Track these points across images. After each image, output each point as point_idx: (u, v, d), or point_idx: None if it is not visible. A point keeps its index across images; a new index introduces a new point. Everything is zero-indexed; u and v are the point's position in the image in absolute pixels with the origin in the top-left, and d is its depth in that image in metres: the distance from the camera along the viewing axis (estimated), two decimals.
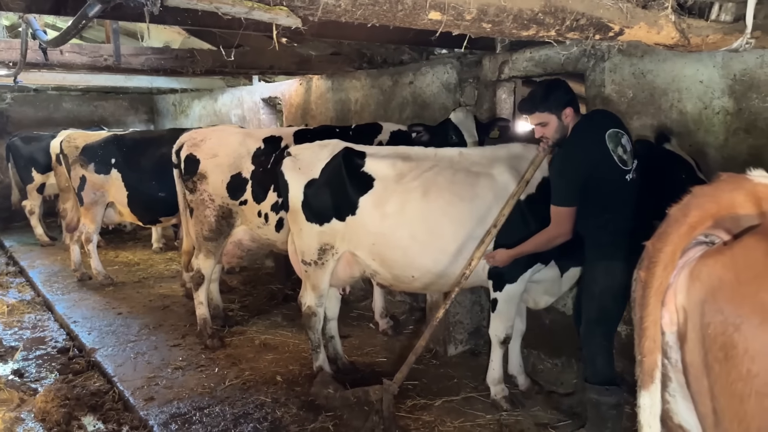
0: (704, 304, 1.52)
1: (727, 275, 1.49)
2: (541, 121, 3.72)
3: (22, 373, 5.45)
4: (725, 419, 1.49)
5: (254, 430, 4.18)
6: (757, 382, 1.41)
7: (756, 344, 1.41)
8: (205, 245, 5.64)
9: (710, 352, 1.50)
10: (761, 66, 4.13)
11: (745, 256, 1.48)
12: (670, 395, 1.72)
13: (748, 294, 1.44)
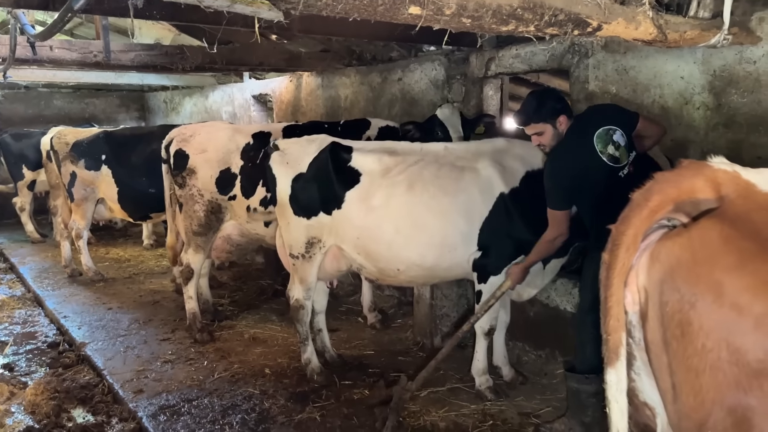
0: (663, 283, 1.59)
1: (684, 255, 1.56)
2: (537, 131, 3.82)
3: (12, 367, 5.48)
4: (682, 393, 1.56)
5: (242, 421, 4.23)
6: (711, 356, 1.48)
7: (710, 321, 1.48)
8: (194, 240, 5.68)
9: (668, 329, 1.57)
10: (740, 62, 4.21)
11: (701, 237, 1.56)
12: (635, 373, 1.79)
13: (702, 273, 1.51)
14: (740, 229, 1.53)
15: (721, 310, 1.47)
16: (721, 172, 1.67)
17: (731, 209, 1.59)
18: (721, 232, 1.53)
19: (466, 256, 4.21)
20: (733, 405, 1.46)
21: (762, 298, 1.44)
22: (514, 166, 4.29)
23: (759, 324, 1.43)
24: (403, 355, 5.26)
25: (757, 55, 4.12)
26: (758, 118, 4.17)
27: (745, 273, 1.46)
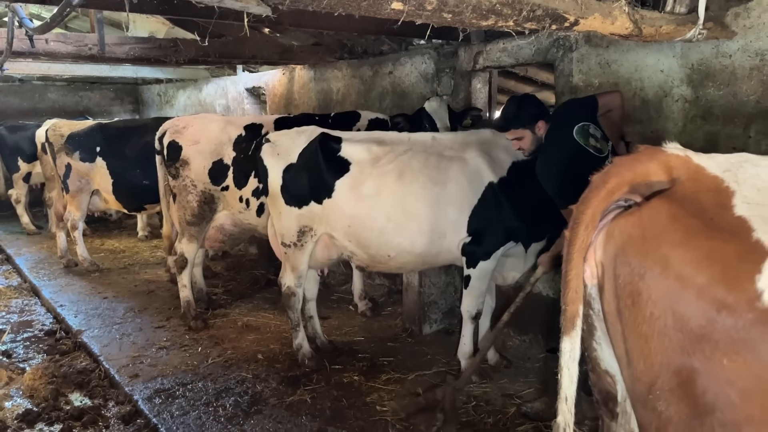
0: (616, 258, 1.74)
1: (635, 232, 1.71)
2: (517, 136, 3.99)
3: (9, 354, 5.60)
4: (634, 358, 1.71)
5: (235, 403, 4.37)
6: (658, 323, 1.63)
7: (657, 291, 1.63)
8: (188, 230, 5.80)
9: (621, 299, 1.72)
10: (716, 56, 4.35)
11: (650, 215, 1.70)
12: (596, 343, 1.94)
13: (651, 248, 1.66)
14: (687, 208, 1.67)
15: (667, 281, 1.62)
16: (673, 157, 1.82)
17: (681, 190, 1.73)
18: (668, 211, 1.67)
19: (455, 243, 4.36)
20: (679, 367, 1.61)
21: (704, 271, 1.58)
22: (501, 157, 4.44)
23: (701, 294, 1.57)
24: (393, 341, 5.41)
25: (732, 50, 4.26)
26: (733, 110, 4.31)
27: (689, 248, 1.61)
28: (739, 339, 1.54)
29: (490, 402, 4.24)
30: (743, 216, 1.60)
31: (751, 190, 1.70)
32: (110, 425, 4.29)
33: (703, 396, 1.58)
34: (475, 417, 4.06)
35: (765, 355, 1.52)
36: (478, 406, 4.19)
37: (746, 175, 1.75)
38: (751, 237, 1.56)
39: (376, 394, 4.42)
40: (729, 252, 1.57)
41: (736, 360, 1.54)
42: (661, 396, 1.65)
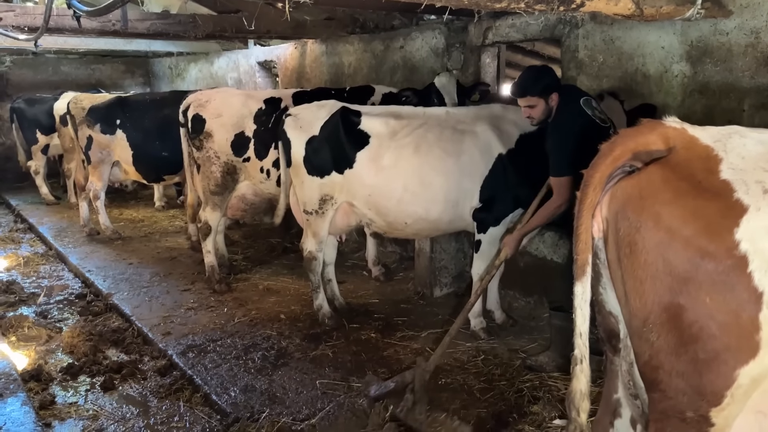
0: (618, 214, 2.06)
1: (634, 192, 2.03)
2: (530, 104, 4.14)
3: (45, 315, 5.97)
4: (631, 298, 2.04)
5: (263, 357, 4.74)
6: (651, 268, 1.95)
7: (650, 242, 1.95)
8: (211, 199, 6.13)
9: (621, 249, 2.05)
10: (714, 33, 4.61)
11: (647, 178, 2.02)
12: (602, 288, 2.28)
13: (646, 205, 1.98)
14: (678, 172, 1.98)
15: (659, 233, 1.94)
16: (671, 129, 2.11)
17: (675, 157, 2.03)
18: (662, 175, 1.99)
19: (467, 211, 4.68)
20: (668, 304, 1.94)
21: (689, 225, 1.90)
22: (509, 130, 4.73)
23: (687, 244, 1.89)
24: (405, 303, 5.76)
25: (729, 27, 4.52)
26: (729, 85, 4.59)
27: (678, 206, 1.93)
28: (719, 281, 1.87)
29: (497, 356, 4.60)
30: (727, 179, 1.91)
31: (737, 158, 1.99)
32: (147, 377, 4.67)
33: (688, 328, 1.91)
34: (484, 368, 4.42)
35: (740, 293, 1.85)
36: (486, 359, 4.55)
37: (733, 144, 2.05)
38: (732, 197, 1.88)
39: (392, 349, 4.78)
40: (712, 209, 1.89)
41: (716, 298, 1.87)
42: (654, 329, 1.99)
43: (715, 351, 1.88)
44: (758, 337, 1.84)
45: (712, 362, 1.88)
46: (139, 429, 3.97)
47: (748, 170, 1.95)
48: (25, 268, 7.47)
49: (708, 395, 1.91)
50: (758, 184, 1.89)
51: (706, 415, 1.93)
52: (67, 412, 4.19)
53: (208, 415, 4.09)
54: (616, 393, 2.41)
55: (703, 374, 1.90)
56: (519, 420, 3.71)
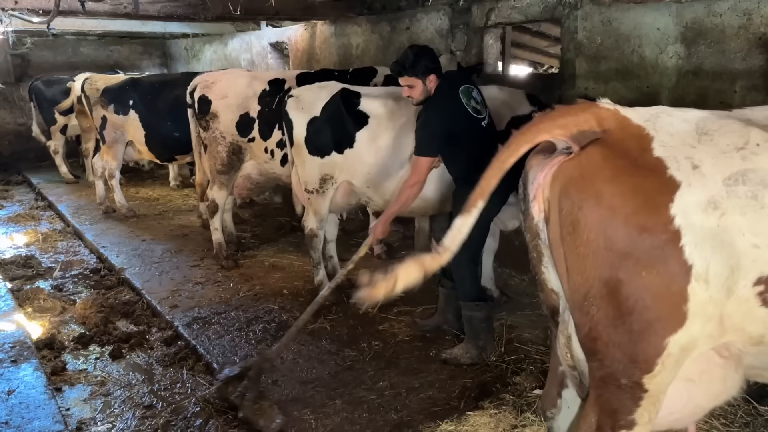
0: (560, 194, 2.16)
1: (575, 173, 2.13)
2: (409, 84, 4.17)
3: (61, 288, 6.24)
4: (573, 273, 2.16)
5: (264, 329, 4.95)
6: (593, 245, 2.07)
7: (591, 219, 2.07)
8: (218, 178, 6.32)
9: (563, 227, 2.16)
10: (708, 15, 4.65)
11: (587, 158, 2.12)
12: (544, 267, 2.39)
13: (587, 185, 2.09)
14: (616, 152, 2.09)
15: (600, 210, 2.05)
16: (604, 110, 2.20)
17: (610, 137, 2.14)
18: (601, 154, 2.09)
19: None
20: (607, 278, 2.06)
21: (629, 201, 2.01)
22: (502, 112, 4.82)
23: (627, 220, 2.01)
24: None
25: (723, 9, 4.55)
26: (722, 66, 4.63)
27: (617, 183, 2.04)
28: (654, 255, 1.99)
29: None
30: (660, 156, 2.02)
31: (666, 136, 2.10)
32: (154, 347, 4.90)
33: (626, 301, 2.04)
34: None
35: (673, 267, 1.97)
36: None
37: (662, 123, 2.15)
38: (666, 173, 1.99)
39: (388, 323, 4.96)
40: (649, 186, 2.00)
41: (651, 271, 1.99)
42: (594, 302, 2.11)
43: (648, 321, 2.01)
44: (686, 307, 1.96)
45: (645, 332, 2.01)
46: (144, 394, 4.20)
47: (677, 147, 2.06)
48: (43, 244, 7.76)
49: (641, 363, 2.04)
50: (688, 160, 2.01)
51: (640, 381, 2.06)
52: (77, 378, 4.44)
53: (209, 382, 4.30)
54: (563, 365, 2.54)
55: (637, 343, 2.03)
56: (501, 389, 3.87)
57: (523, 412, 3.58)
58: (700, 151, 2.04)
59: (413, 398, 3.91)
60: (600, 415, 2.18)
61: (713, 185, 1.98)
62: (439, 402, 3.83)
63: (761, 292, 1.99)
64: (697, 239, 1.96)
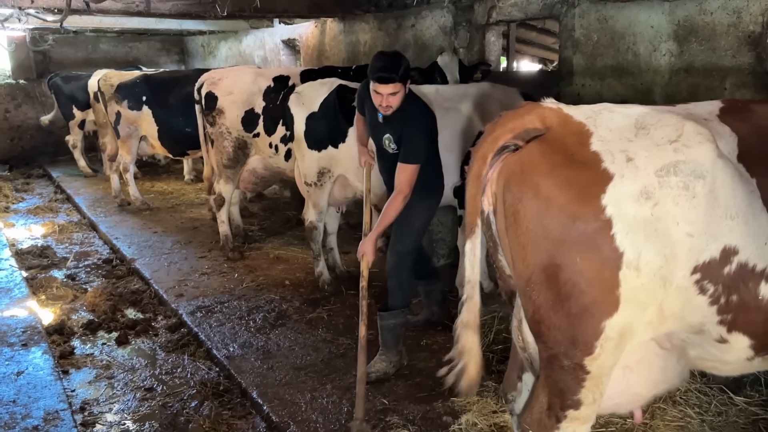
0: (504, 188, 2.29)
1: (516, 167, 2.26)
2: (395, 91, 3.77)
3: (73, 277, 6.49)
4: (516, 261, 2.30)
5: (263, 318, 5.12)
6: (532, 234, 2.20)
7: (530, 210, 2.20)
8: (224, 172, 6.50)
9: (507, 219, 2.29)
10: (700, 13, 4.71)
11: (527, 154, 2.25)
12: (500, 255, 2.52)
13: (526, 178, 2.21)
14: (554, 147, 2.22)
15: (537, 201, 2.18)
16: (547, 110, 2.33)
17: (551, 134, 2.26)
18: (540, 150, 2.22)
19: (450, 185, 4.91)
20: (546, 265, 2.19)
21: (564, 193, 2.14)
22: (494, 108, 4.92)
23: (561, 210, 2.14)
24: None
25: (714, 7, 4.62)
26: (712, 64, 4.69)
27: (553, 176, 2.16)
28: (588, 242, 2.12)
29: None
30: (596, 150, 2.14)
31: (605, 131, 2.22)
32: (159, 333, 5.11)
33: (563, 286, 2.17)
34: None
35: (605, 252, 2.10)
36: None
37: (603, 119, 2.27)
38: (600, 166, 2.12)
39: None
40: (583, 178, 2.13)
41: (585, 258, 2.12)
42: (534, 288, 2.25)
43: (584, 305, 2.15)
44: (618, 292, 2.09)
45: (582, 315, 2.15)
46: (145, 377, 4.40)
47: (614, 141, 2.18)
48: (59, 235, 8.03)
49: (581, 345, 2.17)
50: (623, 153, 2.13)
51: (581, 363, 2.20)
52: (84, 362, 4.66)
53: (208, 367, 4.50)
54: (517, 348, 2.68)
55: (576, 326, 2.16)
56: (486, 377, 3.98)
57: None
58: (636, 145, 2.16)
59: (401, 384, 4.05)
60: (549, 395, 2.33)
61: (646, 176, 2.10)
62: (425, 388, 3.98)
63: (698, 281, 2.10)
64: (629, 228, 2.08)
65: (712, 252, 2.12)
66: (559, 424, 2.34)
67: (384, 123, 3.96)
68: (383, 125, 3.98)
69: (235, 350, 4.59)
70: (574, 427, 2.35)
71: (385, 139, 4.03)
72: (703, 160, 2.11)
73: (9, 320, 5.08)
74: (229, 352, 4.56)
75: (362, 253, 3.99)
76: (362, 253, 3.99)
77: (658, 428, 3.37)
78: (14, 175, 12.18)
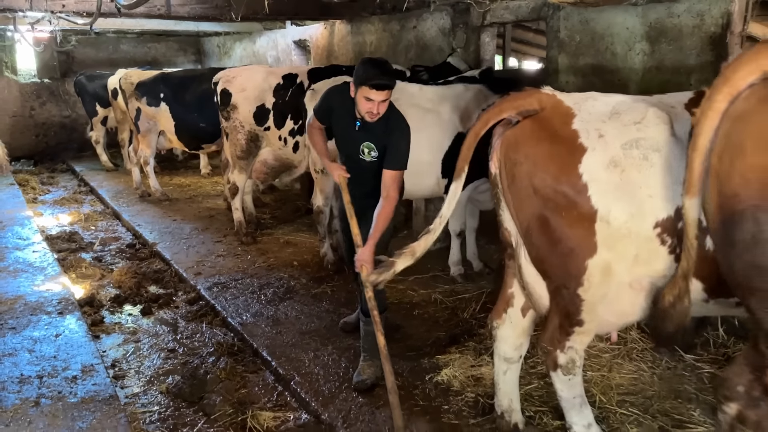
0: (505, 154, 2.92)
1: (512, 139, 2.89)
2: (387, 98, 3.71)
3: (100, 259, 7.07)
4: (515, 213, 2.93)
5: (273, 293, 5.66)
6: (525, 192, 2.82)
7: (522, 173, 2.81)
8: (238, 163, 7.06)
9: (508, 179, 2.92)
10: (668, 16, 5.19)
11: (521, 128, 2.86)
12: (502, 210, 3.11)
13: (521, 147, 2.84)
14: (542, 124, 2.82)
15: (528, 167, 2.81)
16: (544, 95, 2.92)
17: (543, 114, 2.86)
18: (531, 126, 2.84)
19: (433, 181, 5.42)
20: (538, 215, 2.81)
21: (549, 161, 2.75)
22: (470, 108, 5.40)
23: (547, 175, 2.74)
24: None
25: (680, 10, 5.09)
26: (680, 62, 5.17)
27: (540, 147, 2.78)
28: (568, 201, 2.72)
29: (467, 296, 5.36)
30: (576, 129, 2.74)
31: (586, 114, 2.81)
32: (179, 306, 5.67)
33: (553, 233, 2.79)
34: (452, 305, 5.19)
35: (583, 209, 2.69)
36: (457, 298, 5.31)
37: (587, 105, 2.86)
38: (577, 141, 2.70)
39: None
40: (563, 150, 2.72)
41: (567, 213, 2.73)
42: (532, 234, 2.88)
43: (570, 248, 2.77)
44: (595, 239, 2.70)
45: (570, 255, 2.77)
46: (168, 341, 4.96)
47: (591, 122, 2.79)
48: (85, 223, 8.64)
49: (574, 278, 2.79)
50: (596, 131, 2.74)
51: (577, 292, 2.82)
52: (113, 329, 5.22)
53: (223, 333, 5.05)
54: (511, 288, 3.30)
55: (567, 264, 2.79)
56: (468, 339, 4.51)
57: (481, 354, 4.23)
58: (608, 125, 2.75)
59: (394, 346, 4.51)
60: (559, 316, 2.98)
61: (613, 149, 2.68)
62: (414, 348, 4.49)
63: (659, 234, 2.66)
64: (601, 190, 2.67)
65: (668, 211, 2.64)
66: (569, 338, 2.98)
67: (361, 131, 3.87)
68: (360, 133, 3.88)
69: (248, 318, 5.14)
70: (580, 339, 2.99)
71: (363, 147, 3.90)
72: (659, 138, 2.65)
73: (45, 293, 5.66)
74: (243, 320, 5.10)
75: (361, 263, 3.72)
76: (362, 263, 3.72)
77: (614, 379, 3.87)
78: (39, 169, 12.85)
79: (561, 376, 3.07)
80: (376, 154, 3.89)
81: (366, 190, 3.98)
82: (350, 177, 4.03)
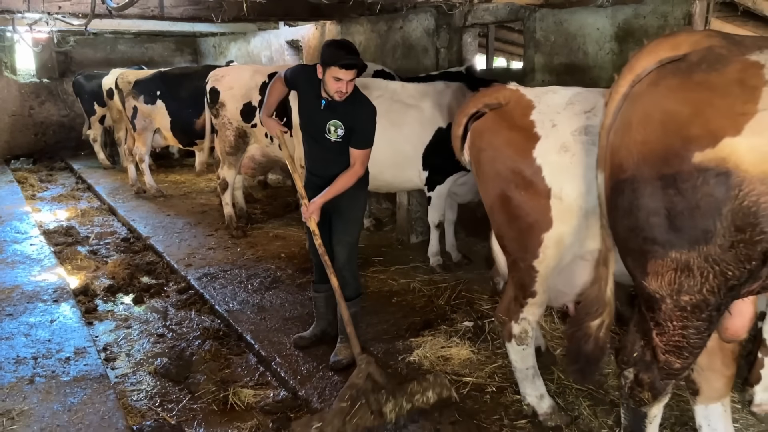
0: (472, 142, 3.24)
1: (478, 128, 3.22)
2: (354, 77, 3.81)
3: (95, 252, 7.32)
4: (483, 194, 3.26)
5: (260, 283, 5.91)
6: (488, 174, 3.16)
7: (486, 158, 3.14)
8: (227, 159, 7.31)
9: (475, 165, 3.24)
10: (635, 17, 5.44)
11: (485, 119, 3.19)
12: None
13: (483, 136, 3.16)
14: (504, 116, 3.14)
15: (490, 152, 3.13)
16: (509, 90, 3.23)
17: (506, 108, 3.18)
18: (494, 117, 3.16)
19: (414, 173, 5.68)
20: (500, 195, 3.13)
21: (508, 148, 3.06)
22: (451, 104, 5.65)
23: (505, 159, 3.05)
24: (385, 248, 6.83)
25: (646, 12, 5.34)
26: None
27: (500, 135, 3.10)
28: (526, 180, 3.02)
29: (443, 285, 5.62)
30: (533, 119, 3.04)
31: (544, 106, 3.12)
32: (170, 295, 5.92)
33: (513, 210, 3.09)
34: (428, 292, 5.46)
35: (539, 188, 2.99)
36: (434, 287, 5.57)
37: (546, 98, 3.17)
38: (533, 130, 3.00)
39: (363, 279, 5.81)
40: (520, 138, 3.03)
41: (525, 192, 3.04)
42: (494, 211, 3.21)
43: (528, 224, 3.07)
44: (550, 215, 3.00)
45: (528, 230, 3.07)
46: (158, 327, 5.21)
47: (548, 113, 3.09)
48: (82, 218, 8.89)
49: (529, 252, 3.09)
50: (550, 121, 3.05)
51: (532, 264, 3.12)
52: (105, 316, 5.47)
53: (211, 319, 5.30)
54: None
55: (524, 238, 3.09)
56: (441, 323, 4.76)
57: (451, 337, 4.49)
58: (561, 115, 3.05)
59: (371, 330, 4.82)
60: (515, 288, 3.31)
61: (564, 136, 2.99)
62: (390, 332, 4.75)
63: None
64: (554, 171, 2.97)
65: None
66: (523, 309, 3.30)
67: (327, 110, 3.96)
68: (326, 112, 3.97)
69: (234, 306, 5.39)
70: (533, 310, 3.32)
71: (330, 125, 3.97)
72: None
73: (41, 283, 5.91)
74: (229, 308, 5.36)
75: (310, 213, 4.04)
76: (311, 214, 4.04)
77: None
78: (38, 167, 13.09)
79: (515, 346, 3.35)
80: (342, 132, 3.97)
81: (332, 173, 4.08)
82: (315, 159, 4.21)
